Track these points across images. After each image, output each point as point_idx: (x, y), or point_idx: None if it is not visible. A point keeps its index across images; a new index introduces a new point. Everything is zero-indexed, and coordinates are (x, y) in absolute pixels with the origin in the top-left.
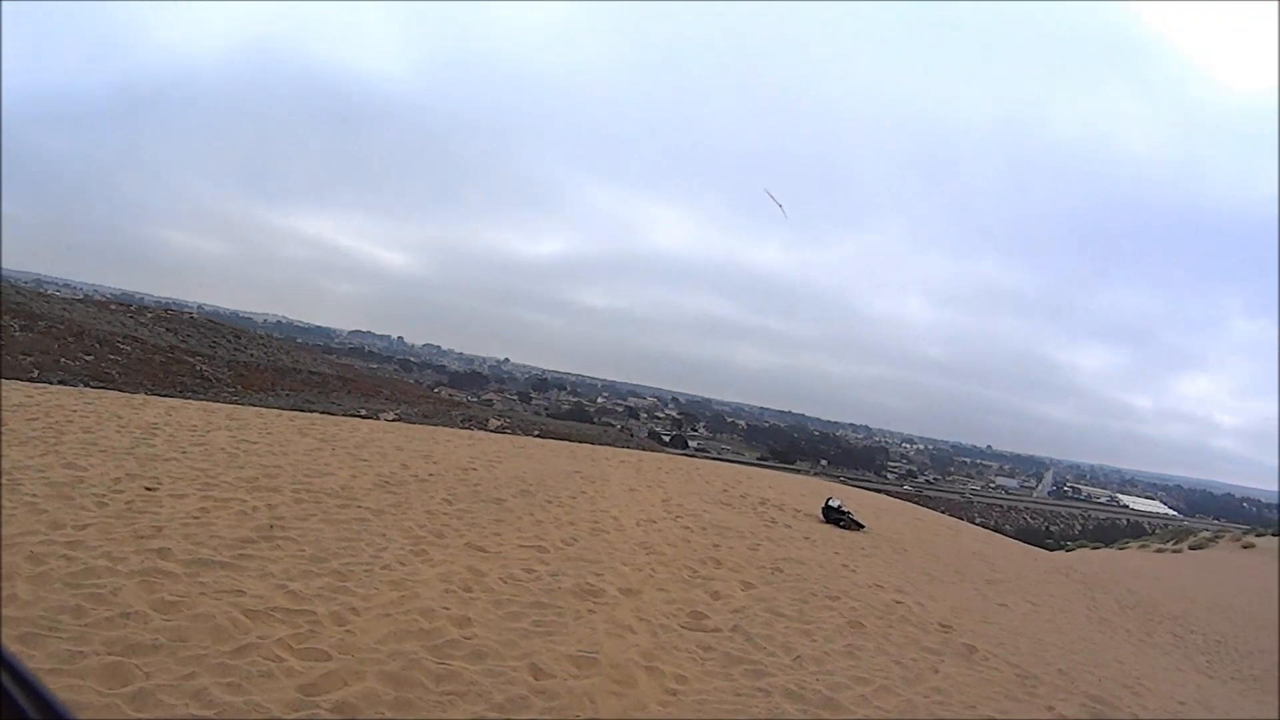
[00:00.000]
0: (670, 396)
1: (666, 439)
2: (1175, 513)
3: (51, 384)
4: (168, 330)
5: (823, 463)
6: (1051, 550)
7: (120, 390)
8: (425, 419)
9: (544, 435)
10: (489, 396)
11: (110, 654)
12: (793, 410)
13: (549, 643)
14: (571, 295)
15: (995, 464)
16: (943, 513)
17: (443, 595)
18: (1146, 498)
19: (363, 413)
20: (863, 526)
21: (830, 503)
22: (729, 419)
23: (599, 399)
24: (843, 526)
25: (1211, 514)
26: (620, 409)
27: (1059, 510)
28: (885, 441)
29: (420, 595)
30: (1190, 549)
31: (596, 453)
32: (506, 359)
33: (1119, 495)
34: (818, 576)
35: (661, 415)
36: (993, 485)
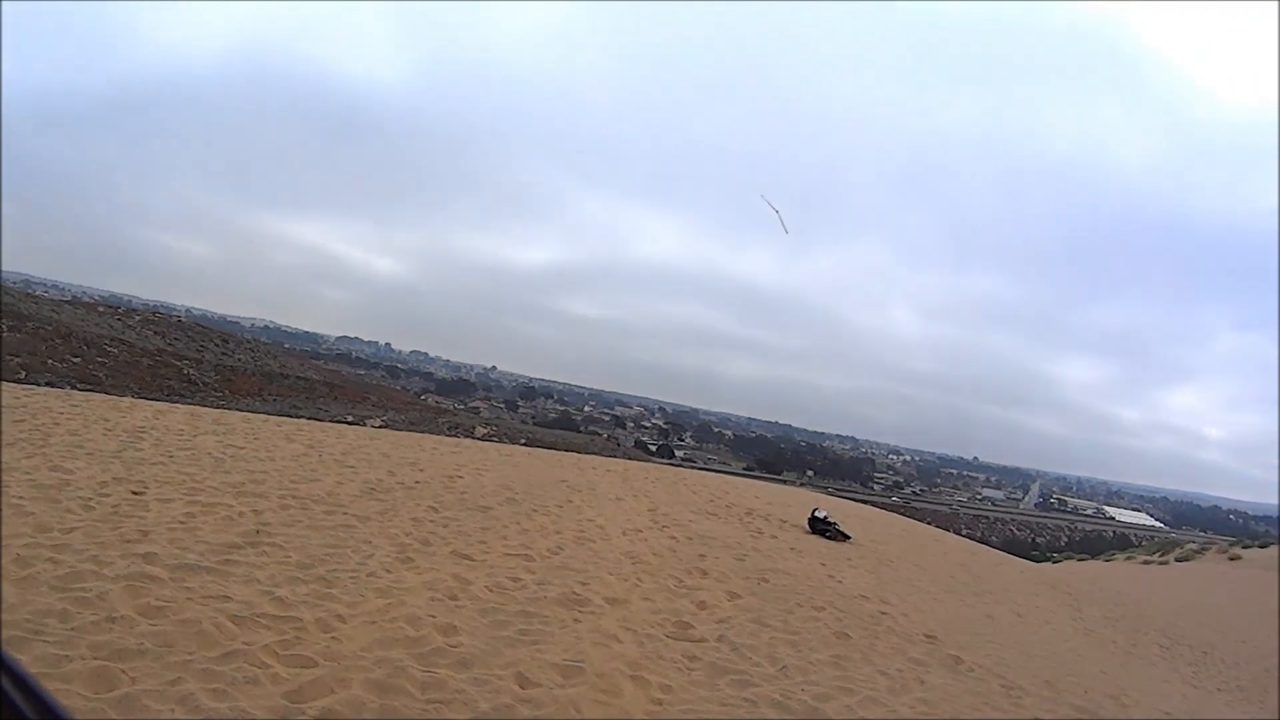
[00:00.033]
0: (657, 406)
1: (653, 448)
2: (1162, 525)
3: (39, 385)
4: (155, 333)
5: (809, 473)
6: (1038, 562)
7: (107, 393)
8: (412, 426)
9: (531, 444)
10: (476, 404)
11: (96, 658)
12: (780, 420)
13: (535, 651)
14: (560, 304)
15: (982, 475)
16: (929, 524)
17: (429, 603)
18: (1133, 510)
19: (349, 419)
20: (849, 537)
21: (816, 513)
22: (716, 429)
23: (586, 408)
24: (829, 537)
25: (1198, 526)
26: (607, 418)
27: (1045, 522)
28: (872, 452)
29: (406, 603)
30: (1177, 561)
31: (583, 462)
32: (494, 366)
33: (1106, 507)
34: (804, 587)
35: (648, 424)
36: (979, 497)
